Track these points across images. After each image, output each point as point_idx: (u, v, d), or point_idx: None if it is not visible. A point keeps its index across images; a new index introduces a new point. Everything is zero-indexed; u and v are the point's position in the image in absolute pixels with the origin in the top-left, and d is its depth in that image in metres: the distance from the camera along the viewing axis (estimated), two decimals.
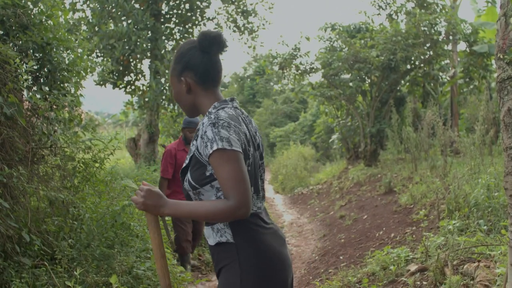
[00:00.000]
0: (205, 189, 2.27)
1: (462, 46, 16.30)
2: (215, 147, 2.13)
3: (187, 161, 2.34)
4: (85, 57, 5.76)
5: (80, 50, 5.78)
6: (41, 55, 5.14)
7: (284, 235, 2.46)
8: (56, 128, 5.29)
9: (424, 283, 4.67)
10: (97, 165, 5.87)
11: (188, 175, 2.31)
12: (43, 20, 5.10)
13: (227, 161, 2.12)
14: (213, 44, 2.35)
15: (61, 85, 5.38)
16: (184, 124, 6.67)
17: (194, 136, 2.36)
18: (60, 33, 5.24)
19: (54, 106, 5.16)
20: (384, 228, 7.76)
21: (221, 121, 2.18)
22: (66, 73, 5.35)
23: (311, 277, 6.66)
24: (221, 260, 2.32)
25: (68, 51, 5.53)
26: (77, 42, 5.72)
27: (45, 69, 5.24)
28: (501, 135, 2.69)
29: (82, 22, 13.29)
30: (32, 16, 5.04)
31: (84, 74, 5.71)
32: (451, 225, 5.75)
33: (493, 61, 14.84)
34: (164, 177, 6.76)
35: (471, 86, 16.96)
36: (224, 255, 2.29)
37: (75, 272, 4.28)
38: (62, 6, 5.66)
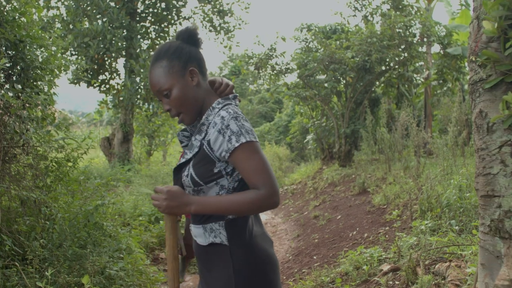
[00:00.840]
0: (209, 186, 2.20)
1: (436, 48, 16.53)
2: (243, 140, 2.10)
3: (188, 157, 2.25)
4: (59, 55, 5.70)
5: (54, 48, 5.72)
6: (14, 52, 5.07)
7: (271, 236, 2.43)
8: (28, 126, 5.21)
9: (397, 282, 4.71)
10: (70, 164, 5.81)
11: (192, 171, 2.21)
12: (17, 17, 5.04)
13: (256, 152, 2.12)
14: (196, 36, 2.31)
15: (34, 83, 5.31)
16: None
17: (197, 130, 2.28)
18: (33, 30, 5.18)
19: (27, 105, 5.09)
20: (357, 228, 7.80)
21: (241, 116, 2.17)
22: (39, 71, 5.28)
23: (284, 277, 6.67)
24: (211, 261, 2.26)
25: (41, 49, 5.46)
26: (51, 40, 5.65)
27: (18, 67, 5.17)
28: (473, 136, 2.72)
29: (57, 19, 13.17)
30: (5, 13, 4.97)
31: (57, 72, 5.64)
32: (424, 225, 5.81)
33: (466, 63, 15.04)
34: None
35: (445, 88, 17.16)
36: (216, 257, 2.24)
37: (46, 272, 4.24)
38: (36, 3, 5.59)
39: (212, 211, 2.14)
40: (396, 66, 14.94)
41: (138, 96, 14.52)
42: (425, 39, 15.28)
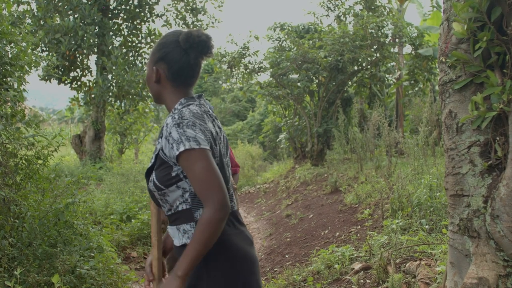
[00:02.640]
0: (170, 190, 2.18)
1: (408, 49, 16.65)
2: (182, 148, 2.05)
3: (152, 161, 2.25)
4: (29, 51, 5.62)
5: (24, 44, 5.63)
6: None
7: (251, 235, 2.42)
8: None
9: (368, 281, 4.74)
10: (40, 162, 5.73)
11: (153, 175, 2.21)
12: None
13: (196, 161, 2.04)
14: (195, 47, 2.29)
15: (4, 79, 5.24)
16: None
17: (158, 134, 2.26)
18: (3, 25, 5.10)
19: None
20: (329, 227, 7.84)
21: (185, 121, 2.10)
22: (9, 67, 5.21)
23: None
24: None
25: (11, 45, 5.38)
26: (21, 35, 5.57)
27: None
28: (443, 136, 2.76)
29: (27, 15, 13.00)
30: None
31: (28, 68, 5.57)
32: (395, 224, 5.87)
33: (437, 64, 15.20)
34: None
35: (416, 88, 17.34)
36: None
37: (15, 271, 4.18)
38: None
39: (196, 262, 2.06)
40: (368, 66, 15.05)
41: (110, 94, 14.40)
42: (397, 40, 15.44)
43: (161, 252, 2.39)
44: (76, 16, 12.97)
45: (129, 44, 15.11)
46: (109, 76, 13.89)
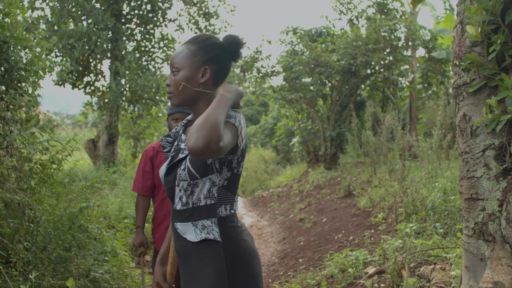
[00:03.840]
0: (203, 181, 2.23)
1: (421, 52, 16.61)
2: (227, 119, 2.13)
3: (186, 153, 2.30)
4: (43, 56, 5.66)
5: (38, 49, 5.67)
6: None
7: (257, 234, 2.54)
8: (12, 128, 5.17)
9: (382, 285, 4.72)
10: (54, 166, 5.77)
11: (188, 164, 2.24)
12: (0, 18, 5.00)
13: (228, 129, 2.09)
14: (237, 53, 2.36)
15: (18, 84, 5.27)
16: (171, 110, 4.39)
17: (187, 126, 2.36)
18: (18, 31, 5.14)
19: (11, 106, 5.05)
20: (343, 231, 7.82)
21: (233, 118, 2.17)
22: (23, 73, 5.24)
23: (270, 280, 6.67)
24: (202, 257, 2.27)
25: (26, 50, 5.42)
26: (35, 41, 5.61)
27: (2, 68, 5.13)
28: (457, 140, 2.74)
29: (41, 20, 13.10)
30: None
31: (42, 73, 5.60)
32: (409, 228, 5.84)
33: (450, 67, 15.12)
34: (140, 194, 4.39)
35: (430, 92, 17.28)
36: (210, 252, 2.26)
37: (30, 275, 4.20)
38: (21, 4, 5.55)
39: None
40: (381, 70, 15.01)
41: (123, 98, 14.46)
42: (410, 43, 15.39)
43: (175, 268, 2.49)
44: (89, 21, 13.05)
45: (142, 49, 15.18)
46: (123, 81, 13.96)
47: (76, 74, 14.13)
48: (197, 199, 2.25)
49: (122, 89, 13.88)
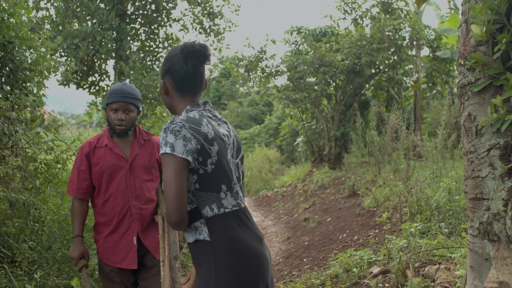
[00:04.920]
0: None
1: (425, 51, 16.55)
2: (162, 151, 2.28)
3: None
4: (48, 56, 5.67)
5: (43, 49, 5.69)
6: (2, 53, 5.05)
7: (262, 234, 2.52)
8: (17, 128, 5.19)
9: (386, 285, 4.72)
10: (59, 166, 5.79)
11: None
12: (5, 18, 5.01)
13: (166, 166, 2.27)
14: (192, 56, 2.47)
15: (23, 84, 5.29)
16: (112, 98, 3.67)
17: None
18: (22, 31, 5.16)
19: (16, 106, 5.07)
20: (347, 231, 7.81)
21: (172, 126, 2.30)
22: (28, 73, 5.26)
23: (275, 280, 6.65)
24: (198, 257, 2.39)
25: (30, 50, 5.43)
26: (40, 41, 5.63)
27: (7, 68, 5.15)
28: (462, 139, 2.74)
29: (46, 21, 13.11)
30: None
31: (47, 73, 5.62)
32: (413, 228, 5.83)
33: (455, 67, 15.09)
34: (76, 197, 3.73)
35: (434, 91, 17.24)
36: (201, 252, 2.37)
37: (35, 275, 4.22)
38: (25, 4, 5.58)
39: None
40: (386, 69, 14.98)
41: None
42: (414, 42, 15.34)
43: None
44: (94, 21, 13.05)
45: (147, 48, 15.17)
46: (127, 81, 13.96)
47: (80, 74, 14.13)
48: (186, 206, 2.32)
49: None
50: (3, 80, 5.19)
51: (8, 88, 5.11)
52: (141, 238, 3.63)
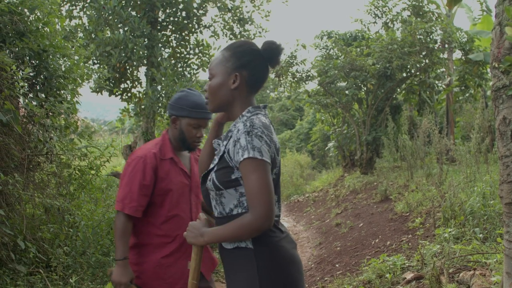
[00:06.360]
0: (229, 192, 2.26)
1: (457, 54, 16.36)
2: (246, 155, 2.13)
3: (215, 162, 2.33)
4: (81, 64, 5.76)
5: (76, 57, 5.78)
6: (37, 62, 5.14)
7: (295, 239, 2.49)
8: (52, 135, 5.28)
9: None
10: (93, 172, 5.87)
11: (213, 175, 2.29)
12: (40, 27, 5.11)
13: (255, 170, 2.12)
14: (275, 57, 2.37)
15: (57, 92, 5.38)
16: (197, 113, 3.29)
17: (224, 136, 2.36)
18: (56, 40, 5.24)
19: (50, 113, 5.15)
20: (380, 236, 7.75)
21: (255, 130, 2.17)
22: (62, 80, 5.35)
23: (307, 285, 6.64)
24: (235, 264, 2.32)
25: (64, 58, 5.52)
26: (73, 49, 5.72)
27: (42, 76, 5.24)
28: (496, 143, 2.70)
29: (79, 29, 13.31)
30: (29, 23, 5.04)
31: (80, 81, 5.71)
32: (447, 233, 5.76)
33: (488, 70, 14.90)
34: (130, 215, 3.22)
35: (467, 94, 17.01)
36: (241, 259, 2.29)
37: (70, 279, 4.27)
38: (59, 13, 5.67)
39: (220, 240, 2.28)
40: (417, 73, 14.85)
41: (160, 104, 14.56)
42: (446, 45, 15.18)
43: (198, 275, 2.51)
44: (126, 29, 13.20)
45: (178, 55, 15.28)
46: (159, 87, 14.05)
47: (113, 81, 14.29)
48: (228, 208, 2.28)
49: (158, 95, 13.98)
50: (38, 88, 5.28)
51: (43, 95, 5.20)
52: None
